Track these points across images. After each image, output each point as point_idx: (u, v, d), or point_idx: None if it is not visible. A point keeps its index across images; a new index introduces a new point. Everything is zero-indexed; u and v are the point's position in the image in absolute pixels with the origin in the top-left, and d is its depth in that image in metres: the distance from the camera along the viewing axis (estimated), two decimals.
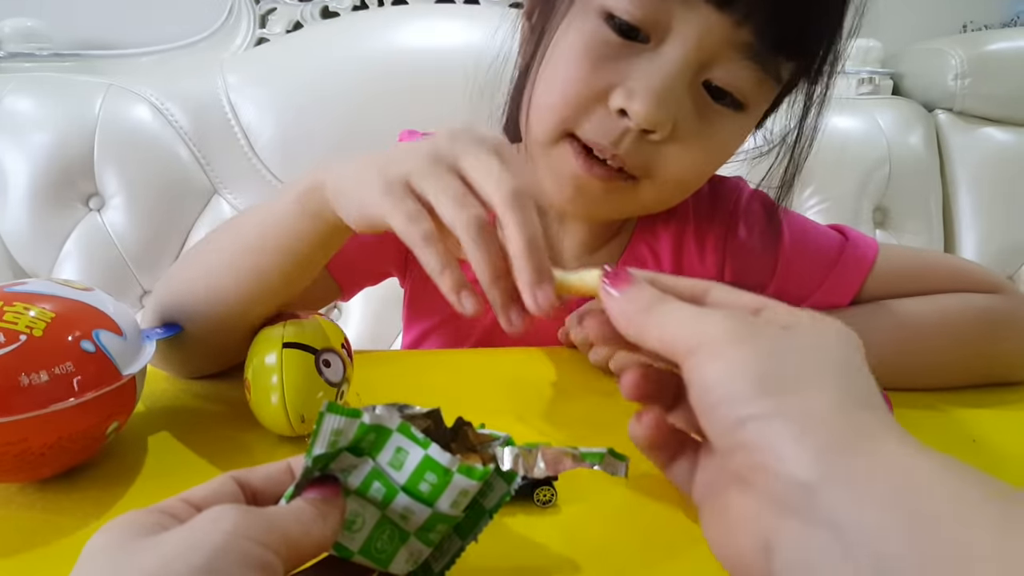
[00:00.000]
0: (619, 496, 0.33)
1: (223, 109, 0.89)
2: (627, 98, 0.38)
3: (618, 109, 0.39)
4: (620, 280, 0.27)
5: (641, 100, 0.37)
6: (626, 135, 0.39)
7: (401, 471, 0.23)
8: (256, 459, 0.35)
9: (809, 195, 0.98)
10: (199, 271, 0.41)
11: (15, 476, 0.32)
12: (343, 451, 0.23)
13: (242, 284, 0.38)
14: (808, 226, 0.52)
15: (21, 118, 0.84)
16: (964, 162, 1.03)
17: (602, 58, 0.39)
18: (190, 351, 0.41)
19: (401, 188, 0.30)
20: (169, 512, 0.20)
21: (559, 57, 0.41)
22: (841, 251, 0.49)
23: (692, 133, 0.40)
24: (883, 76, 1.07)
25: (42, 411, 0.29)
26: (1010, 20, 1.17)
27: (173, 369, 0.43)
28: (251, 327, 0.38)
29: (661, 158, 0.41)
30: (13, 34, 0.90)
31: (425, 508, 0.23)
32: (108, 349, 0.32)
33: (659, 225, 0.52)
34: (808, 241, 0.50)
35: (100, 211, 0.87)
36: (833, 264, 0.49)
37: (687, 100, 0.39)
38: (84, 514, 0.31)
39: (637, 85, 0.38)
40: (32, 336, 0.29)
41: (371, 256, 0.50)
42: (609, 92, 0.39)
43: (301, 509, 0.20)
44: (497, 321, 0.50)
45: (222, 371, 0.46)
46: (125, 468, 0.34)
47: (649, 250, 0.52)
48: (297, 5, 0.98)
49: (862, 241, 0.50)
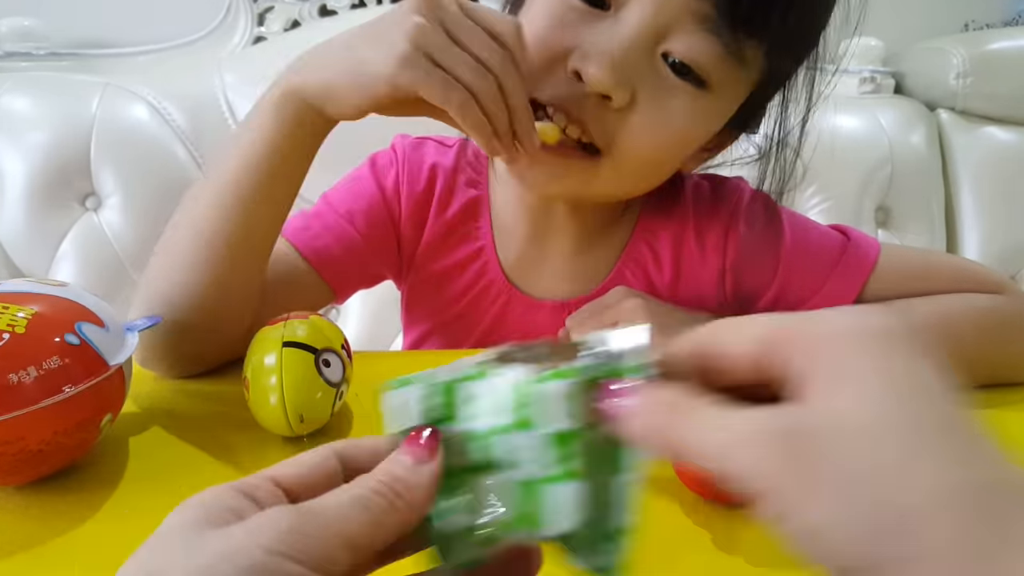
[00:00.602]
0: None
1: (220, 108, 0.89)
2: (582, 60, 0.38)
3: (573, 71, 0.38)
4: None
5: (596, 63, 0.37)
6: (585, 100, 0.39)
7: (484, 418, 0.19)
8: (252, 459, 0.35)
9: (811, 194, 0.98)
10: (184, 236, 0.41)
11: (16, 476, 0.32)
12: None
13: (231, 229, 0.39)
14: (810, 226, 0.51)
15: (17, 117, 0.84)
16: (966, 161, 1.03)
17: (564, 23, 0.39)
18: (188, 336, 0.41)
19: (424, 59, 0.34)
20: (251, 495, 0.19)
21: (526, 23, 0.39)
22: (843, 251, 0.48)
23: (652, 106, 0.39)
24: (885, 75, 1.06)
25: (34, 407, 0.29)
26: (1012, 19, 1.17)
27: (169, 363, 0.42)
28: (246, 288, 0.39)
29: (621, 129, 0.39)
30: (10, 33, 0.90)
31: (531, 435, 0.18)
32: (92, 341, 0.31)
33: (659, 224, 0.51)
34: (810, 241, 0.49)
35: (97, 211, 0.86)
36: (835, 264, 0.48)
37: (646, 70, 0.38)
38: (81, 516, 0.31)
39: (593, 49, 0.37)
40: (15, 334, 0.29)
41: (361, 259, 0.50)
42: (568, 56, 0.39)
43: (367, 500, 0.18)
44: (494, 323, 0.49)
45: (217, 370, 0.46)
46: (122, 469, 0.34)
47: (649, 249, 0.51)
48: (295, 3, 0.97)
49: (864, 241, 0.49)
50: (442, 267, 0.51)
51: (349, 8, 0.99)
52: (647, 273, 0.50)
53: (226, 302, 0.41)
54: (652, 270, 0.50)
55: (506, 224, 0.50)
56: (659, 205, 0.51)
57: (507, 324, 0.51)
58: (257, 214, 0.40)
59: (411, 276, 0.53)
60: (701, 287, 0.50)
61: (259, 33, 0.97)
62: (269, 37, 0.97)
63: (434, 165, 0.50)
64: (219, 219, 0.40)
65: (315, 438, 0.37)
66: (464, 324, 0.52)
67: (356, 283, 0.52)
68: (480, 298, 0.51)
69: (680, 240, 0.50)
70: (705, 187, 0.52)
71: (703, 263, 0.50)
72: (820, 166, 0.97)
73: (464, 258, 0.50)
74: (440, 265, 0.51)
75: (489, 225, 0.50)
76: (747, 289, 0.49)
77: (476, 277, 0.51)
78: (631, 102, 0.39)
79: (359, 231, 0.49)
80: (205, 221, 0.40)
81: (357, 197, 0.50)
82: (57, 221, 0.84)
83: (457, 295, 0.51)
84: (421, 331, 0.55)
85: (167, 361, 0.42)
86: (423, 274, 0.52)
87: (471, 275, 0.51)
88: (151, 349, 0.41)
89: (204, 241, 0.40)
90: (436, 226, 0.50)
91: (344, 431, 0.38)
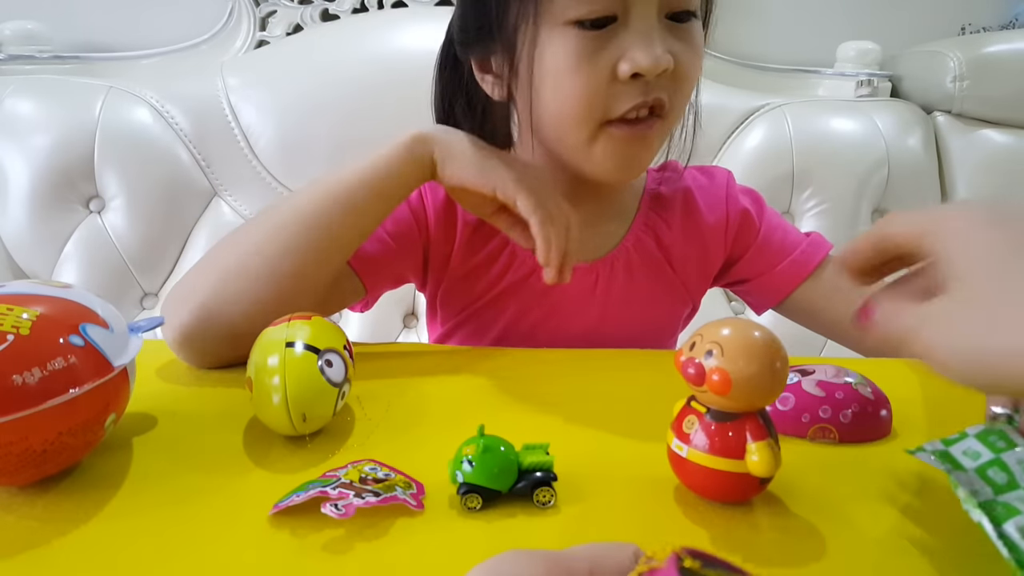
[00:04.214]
0: (618, 497, 0.33)
1: (223, 111, 0.90)
2: (632, 64, 0.43)
3: (630, 75, 0.44)
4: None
5: (644, 55, 0.43)
6: (650, 85, 0.45)
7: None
8: (255, 459, 0.35)
9: (808, 196, 0.98)
10: (252, 245, 0.46)
11: (20, 476, 0.32)
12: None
13: (313, 241, 0.46)
14: (781, 218, 0.61)
15: (21, 120, 0.84)
16: (963, 164, 1.03)
17: (593, 54, 0.44)
18: (238, 337, 0.42)
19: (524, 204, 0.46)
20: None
21: (553, 76, 0.46)
22: (798, 247, 0.57)
23: (687, 53, 0.46)
24: (881, 78, 1.07)
25: (38, 408, 0.29)
26: (1008, 22, 1.17)
27: (208, 359, 0.45)
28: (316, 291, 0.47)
29: (679, 84, 0.47)
30: (14, 36, 0.90)
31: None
32: (96, 342, 0.32)
33: (665, 193, 0.58)
34: (776, 228, 0.59)
35: (100, 213, 0.87)
36: (789, 254, 0.57)
37: (669, 35, 0.45)
38: (85, 516, 0.31)
39: (632, 51, 0.43)
40: (19, 335, 0.29)
41: (394, 259, 0.54)
42: (615, 72, 0.44)
43: None
44: (527, 298, 0.57)
45: (220, 371, 0.46)
46: (126, 469, 0.35)
47: (658, 215, 0.57)
48: (297, 8, 0.98)
49: (817, 247, 0.57)
50: (474, 263, 0.56)
51: (351, 12, 0.99)
52: (658, 235, 0.57)
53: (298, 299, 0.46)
54: (663, 232, 0.58)
55: None
56: (662, 180, 0.59)
57: (541, 295, 0.56)
58: (345, 224, 0.47)
59: (445, 276, 0.57)
60: (708, 246, 0.58)
61: (262, 37, 0.98)
62: (272, 41, 0.98)
63: None
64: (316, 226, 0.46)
65: (317, 437, 0.37)
66: (498, 308, 0.57)
67: (385, 282, 0.56)
68: (512, 281, 0.56)
69: (687, 207, 0.58)
70: (695, 172, 0.61)
71: (708, 223, 0.57)
72: (817, 168, 0.98)
73: (494, 250, 0.56)
74: (472, 262, 0.56)
75: None
76: (736, 248, 0.59)
77: (507, 263, 0.56)
78: (676, 64, 0.45)
79: (389, 235, 0.54)
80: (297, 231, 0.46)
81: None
82: (61, 223, 0.85)
83: (491, 284, 0.57)
84: (451, 325, 0.60)
85: (207, 357, 0.45)
86: (457, 272, 0.57)
87: (502, 264, 0.56)
88: (190, 345, 0.45)
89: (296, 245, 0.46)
90: (465, 226, 0.55)
91: (346, 431, 0.39)
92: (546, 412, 0.41)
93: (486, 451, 0.30)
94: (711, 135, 0.98)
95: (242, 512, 0.31)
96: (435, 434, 0.38)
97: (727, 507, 0.32)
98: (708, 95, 0.98)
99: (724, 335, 0.29)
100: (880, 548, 0.30)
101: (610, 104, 0.45)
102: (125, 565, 0.28)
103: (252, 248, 0.46)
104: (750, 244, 0.58)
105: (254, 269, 0.45)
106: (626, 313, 0.57)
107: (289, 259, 0.45)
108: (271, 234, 0.46)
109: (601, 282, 0.56)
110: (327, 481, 0.31)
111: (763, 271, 0.58)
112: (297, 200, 0.47)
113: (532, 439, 0.33)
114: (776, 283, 0.57)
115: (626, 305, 0.56)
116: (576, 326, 0.56)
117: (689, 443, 0.31)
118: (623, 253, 0.56)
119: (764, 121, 0.98)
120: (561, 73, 0.45)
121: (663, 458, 0.32)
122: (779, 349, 0.29)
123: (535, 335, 0.56)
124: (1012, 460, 0.28)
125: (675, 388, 0.33)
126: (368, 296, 0.55)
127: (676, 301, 0.59)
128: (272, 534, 0.29)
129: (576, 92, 0.45)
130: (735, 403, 0.29)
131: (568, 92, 0.45)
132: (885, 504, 0.33)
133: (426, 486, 0.33)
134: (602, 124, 0.46)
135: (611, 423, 0.40)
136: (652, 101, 0.45)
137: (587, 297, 0.56)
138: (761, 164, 0.97)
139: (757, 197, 0.60)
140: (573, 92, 0.45)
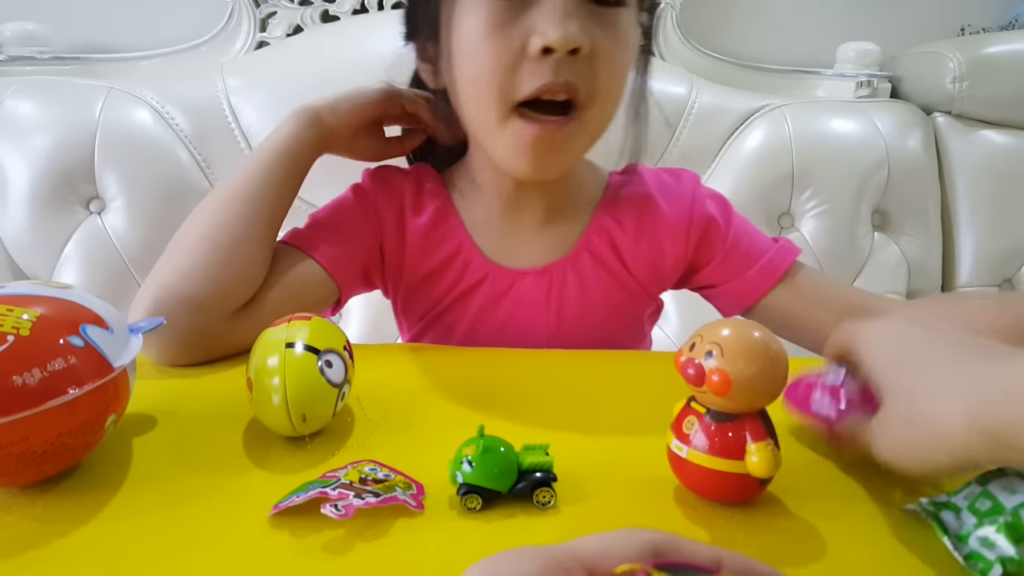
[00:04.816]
0: (618, 498, 0.33)
1: (223, 112, 0.90)
2: (542, 38, 0.43)
3: (540, 50, 0.43)
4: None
5: (553, 29, 0.42)
6: (560, 65, 0.43)
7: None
8: (255, 459, 0.35)
9: (807, 197, 0.98)
10: (199, 228, 0.49)
11: (20, 477, 0.32)
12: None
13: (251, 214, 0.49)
14: (748, 224, 0.59)
15: (22, 121, 0.84)
16: (963, 165, 1.03)
17: (504, 24, 0.44)
18: (197, 307, 0.46)
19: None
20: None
21: (467, 47, 0.45)
22: (765, 254, 0.56)
23: (606, 41, 0.45)
24: (881, 79, 1.07)
25: (38, 409, 0.29)
26: (1008, 23, 1.17)
27: (177, 340, 0.46)
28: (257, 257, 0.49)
29: (595, 73, 0.45)
30: (14, 37, 0.90)
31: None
32: (96, 343, 0.32)
33: (622, 196, 0.57)
34: (744, 234, 0.57)
35: (101, 214, 0.87)
36: (756, 262, 0.56)
37: (587, 15, 0.44)
38: (85, 516, 0.31)
39: (543, 23, 0.43)
40: (19, 336, 0.29)
41: (357, 260, 0.55)
42: (525, 46, 0.43)
43: None
44: (485, 303, 0.56)
45: (220, 371, 0.46)
46: (126, 470, 0.35)
47: (613, 219, 0.56)
48: (297, 9, 0.98)
49: (785, 254, 0.56)
50: (428, 268, 0.56)
51: (351, 13, 0.99)
52: (612, 236, 0.56)
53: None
54: (616, 233, 0.56)
55: (483, 217, 0.56)
56: (623, 184, 0.57)
57: (497, 300, 0.56)
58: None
59: (401, 283, 0.57)
60: (662, 244, 0.56)
61: (262, 38, 0.98)
62: (272, 42, 0.98)
63: (402, 182, 0.57)
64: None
65: (317, 438, 0.37)
66: (457, 313, 0.57)
67: (357, 281, 0.56)
68: (468, 285, 0.56)
69: (643, 206, 0.56)
70: (661, 173, 0.59)
71: (667, 221, 0.56)
72: (817, 169, 0.98)
73: (447, 256, 0.55)
74: (426, 267, 0.56)
75: (461, 223, 0.56)
76: (701, 254, 0.57)
77: (462, 268, 0.56)
78: (591, 49, 0.44)
79: (351, 237, 0.55)
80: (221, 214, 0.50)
81: (342, 212, 0.56)
82: (61, 224, 0.85)
83: (447, 289, 0.56)
84: (417, 330, 0.60)
85: (175, 337, 0.46)
86: (413, 279, 0.57)
87: (456, 269, 0.56)
88: (160, 334, 0.45)
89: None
90: (414, 232, 0.56)
91: (346, 431, 0.39)
92: (546, 412, 0.41)
93: (486, 452, 0.31)
94: (711, 136, 0.98)
95: (242, 513, 0.31)
96: (435, 434, 0.38)
97: (727, 507, 0.32)
98: (708, 96, 1.00)
99: (724, 336, 0.29)
100: (880, 548, 0.30)
101: (519, 83, 0.44)
102: (125, 565, 0.28)
103: (195, 234, 0.49)
104: (716, 251, 0.56)
105: (201, 249, 0.48)
106: (585, 315, 0.56)
107: (226, 230, 0.49)
108: (204, 220, 0.50)
109: (555, 286, 0.55)
110: (327, 482, 0.31)
111: (731, 277, 0.56)
112: (220, 189, 0.52)
113: (532, 439, 0.33)
114: (744, 289, 0.56)
115: (583, 307, 0.56)
116: (536, 330, 0.56)
117: (689, 444, 0.31)
118: (576, 257, 0.56)
119: (764, 122, 0.98)
120: (473, 43, 0.45)
121: (663, 458, 0.32)
122: (779, 350, 0.29)
123: (496, 341, 0.56)
124: (997, 488, 0.28)
125: (675, 388, 0.33)
126: (342, 295, 0.55)
127: (635, 300, 0.58)
128: (272, 535, 0.29)
129: (486, 62, 0.44)
130: (735, 404, 0.29)
131: (479, 62, 0.45)
132: (885, 505, 0.33)
133: (426, 486, 0.33)
134: (513, 107, 0.45)
135: (611, 423, 0.40)
136: (562, 84, 0.44)
137: (543, 302, 0.56)
138: (761, 165, 0.97)
139: (725, 203, 0.58)
140: (483, 62, 0.44)
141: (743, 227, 0.58)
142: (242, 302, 0.49)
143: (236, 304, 0.48)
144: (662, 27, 1.03)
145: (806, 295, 0.55)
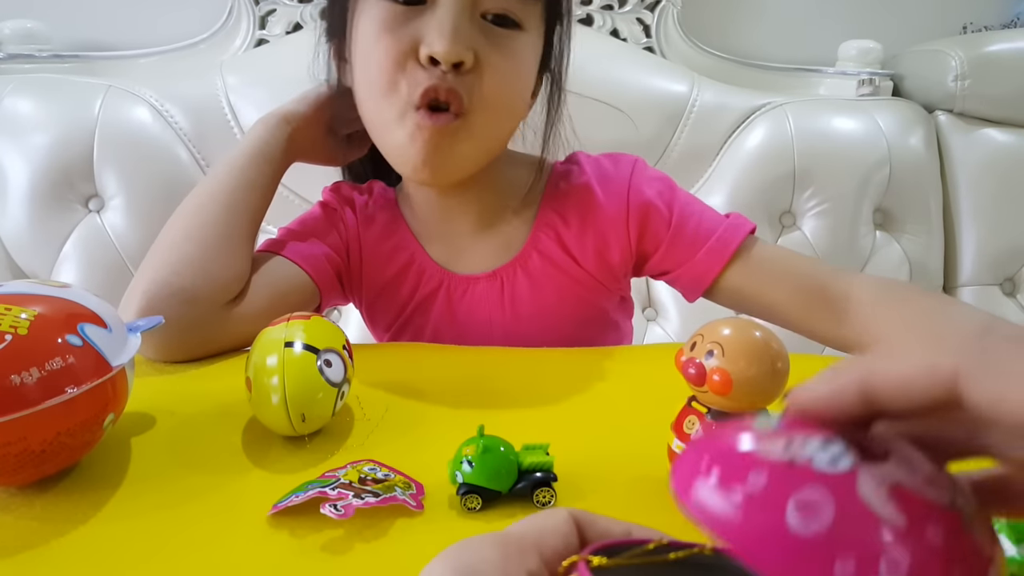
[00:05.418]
0: (618, 498, 0.33)
1: (223, 110, 0.89)
2: (429, 47, 0.44)
3: (427, 58, 0.45)
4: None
5: (439, 41, 0.44)
6: (445, 76, 0.45)
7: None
8: (254, 459, 0.35)
9: (809, 196, 0.98)
10: (185, 224, 0.51)
11: (18, 476, 0.32)
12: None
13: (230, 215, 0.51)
14: (695, 202, 0.57)
15: (21, 119, 0.84)
16: (964, 163, 1.03)
17: (397, 27, 0.45)
18: (188, 299, 0.47)
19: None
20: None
21: (363, 46, 0.48)
22: (714, 232, 0.54)
23: (495, 56, 0.47)
24: (883, 77, 1.06)
25: (37, 408, 0.29)
26: (1010, 21, 1.17)
27: (168, 335, 0.46)
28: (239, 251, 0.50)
29: (479, 85, 0.47)
30: (13, 35, 0.90)
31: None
32: (95, 342, 0.32)
33: (564, 191, 0.56)
34: (691, 214, 0.55)
35: (100, 212, 0.87)
36: (705, 241, 0.54)
37: (477, 32, 0.46)
38: (83, 516, 0.31)
39: (431, 34, 0.45)
40: (17, 335, 0.29)
41: (331, 263, 0.57)
42: (416, 49, 0.45)
43: None
44: (444, 308, 0.58)
45: (219, 371, 0.46)
46: (124, 469, 0.35)
47: (557, 214, 0.56)
48: (297, 6, 0.98)
49: (736, 229, 0.54)
50: (386, 278, 0.58)
51: None
52: (558, 233, 0.56)
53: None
54: (562, 229, 0.56)
55: (427, 227, 0.58)
56: (564, 175, 0.57)
57: (454, 305, 0.57)
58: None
59: (363, 293, 0.59)
60: (607, 236, 0.55)
61: (261, 36, 0.98)
62: (271, 40, 0.98)
63: (356, 196, 0.60)
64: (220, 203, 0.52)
65: (316, 438, 0.37)
66: (420, 321, 0.58)
67: (333, 285, 0.58)
68: (426, 293, 0.57)
69: (583, 199, 0.56)
70: (602, 159, 0.58)
71: (607, 213, 0.55)
72: (818, 168, 0.98)
73: (402, 266, 0.57)
74: (383, 277, 0.58)
75: (411, 234, 0.58)
76: (648, 246, 0.56)
77: (417, 277, 0.57)
78: (477, 62, 0.46)
79: (323, 244, 0.57)
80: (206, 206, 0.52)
81: (312, 222, 0.58)
82: (60, 223, 0.85)
83: (407, 298, 0.58)
84: (388, 338, 0.62)
85: (169, 331, 0.45)
86: (372, 289, 0.59)
87: (412, 279, 0.57)
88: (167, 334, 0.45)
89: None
90: (368, 243, 0.58)
91: (345, 431, 0.39)
92: (546, 412, 0.41)
93: (486, 451, 0.30)
94: (712, 134, 0.98)
95: (241, 512, 0.31)
96: (435, 434, 0.38)
97: None
98: (709, 94, 1.00)
99: (725, 335, 0.29)
100: None
101: (410, 85, 0.46)
102: (124, 565, 0.28)
103: (179, 233, 0.51)
104: (661, 236, 0.55)
105: (186, 247, 0.50)
106: (541, 314, 0.56)
107: (209, 228, 0.50)
108: (188, 219, 0.51)
109: (507, 289, 0.56)
110: (326, 481, 0.31)
111: (682, 261, 0.55)
112: (197, 192, 0.54)
113: (532, 439, 0.33)
114: (697, 272, 0.54)
115: (538, 307, 0.56)
116: (493, 333, 0.56)
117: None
118: (524, 258, 0.56)
119: (765, 120, 0.98)
120: (368, 41, 0.47)
121: (663, 458, 0.32)
122: (780, 349, 0.29)
123: (460, 344, 0.55)
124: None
125: (675, 388, 0.33)
126: (322, 298, 0.56)
127: (592, 295, 0.57)
128: (271, 534, 0.29)
129: (379, 60, 0.46)
130: (736, 403, 0.29)
131: (373, 60, 0.47)
132: None
133: (426, 486, 0.32)
134: (407, 106, 0.46)
135: (611, 423, 0.40)
136: (447, 93, 0.45)
137: (496, 305, 0.56)
138: (762, 163, 0.97)
139: (668, 184, 0.56)
140: (376, 60, 0.46)
141: (688, 207, 0.56)
142: (232, 295, 0.50)
143: (226, 296, 0.49)
144: (663, 25, 1.03)
145: (763, 271, 0.53)
